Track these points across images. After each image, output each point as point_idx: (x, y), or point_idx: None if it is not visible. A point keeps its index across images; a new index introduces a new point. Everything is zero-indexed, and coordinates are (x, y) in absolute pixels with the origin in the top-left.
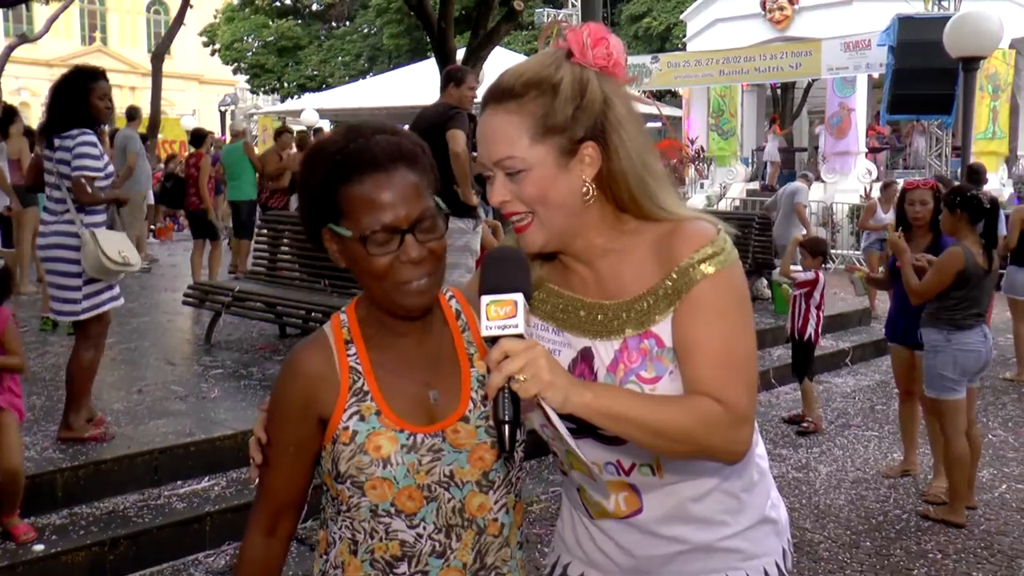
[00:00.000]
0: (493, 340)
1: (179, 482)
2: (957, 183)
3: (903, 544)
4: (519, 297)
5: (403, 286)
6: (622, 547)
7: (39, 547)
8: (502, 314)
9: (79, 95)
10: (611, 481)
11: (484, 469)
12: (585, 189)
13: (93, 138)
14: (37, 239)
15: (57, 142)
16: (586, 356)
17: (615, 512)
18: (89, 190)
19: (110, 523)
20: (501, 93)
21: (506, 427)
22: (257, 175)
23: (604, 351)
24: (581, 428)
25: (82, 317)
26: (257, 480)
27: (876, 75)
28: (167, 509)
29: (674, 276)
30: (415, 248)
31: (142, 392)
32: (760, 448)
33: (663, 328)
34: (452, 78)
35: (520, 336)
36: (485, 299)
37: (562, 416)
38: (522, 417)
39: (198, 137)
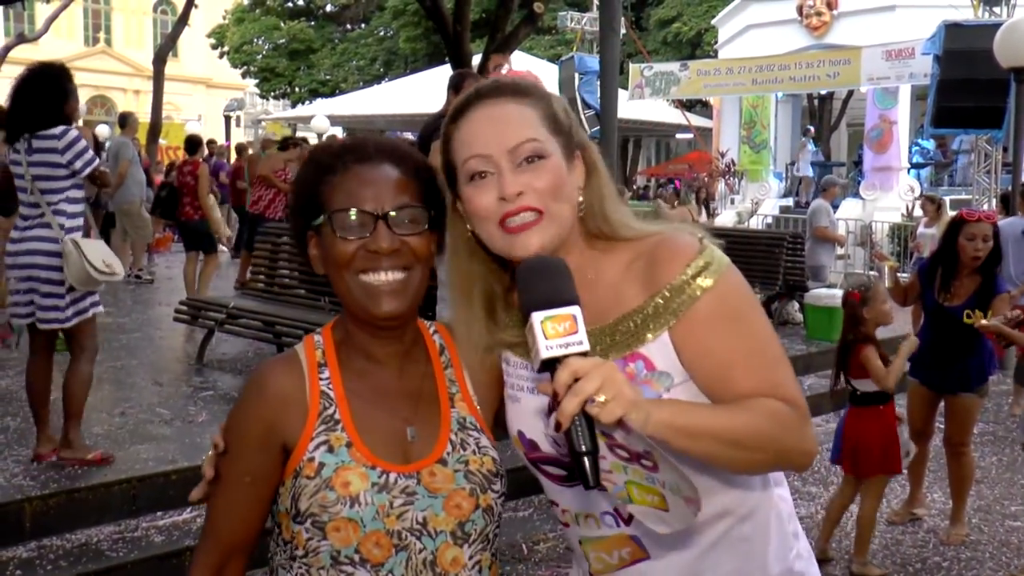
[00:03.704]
0: (550, 363)
1: (159, 513)
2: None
3: None
4: (576, 310)
5: (369, 284)
6: None
7: None
8: (561, 331)
9: (59, 94)
10: (611, 537)
11: (460, 519)
12: (580, 198)
13: (78, 132)
14: (8, 245)
15: (36, 143)
16: None
17: (619, 564)
18: (110, 178)
19: (81, 557)
20: (500, 89)
21: (587, 459)
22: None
23: None
24: (571, 475)
25: (68, 324)
26: (204, 504)
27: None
28: (144, 542)
29: (666, 294)
30: (386, 237)
31: (125, 414)
32: (781, 489)
33: (653, 348)
34: (451, 84)
35: (585, 353)
36: (538, 316)
37: (552, 459)
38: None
39: (192, 144)
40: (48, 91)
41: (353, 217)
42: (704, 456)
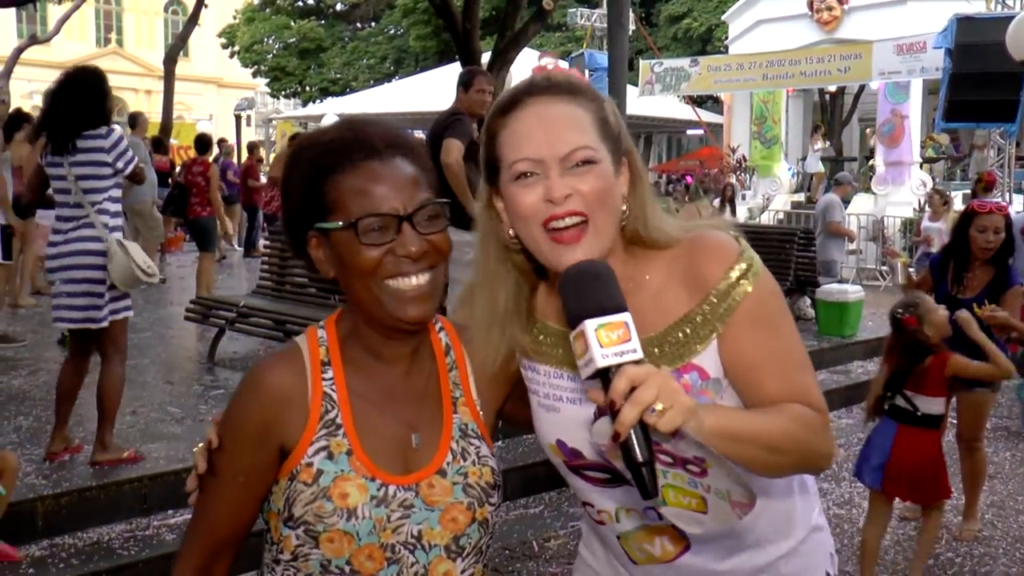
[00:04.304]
0: (603, 372)
1: (170, 512)
2: None
3: None
4: (628, 316)
5: (398, 289)
6: None
7: None
8: (615, 338)
9: (99, 95)
10: (652, 526)
11: (456, 532)
12: (624, 207)
13: (121, 131)
14: (48, 248)
15: (81, 143)
16: None
17: (662, 556)
18: (145, 175)
19: (93, 555)
20: (552, 86)
21: (645, 469)
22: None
23: None
24: (615, 477)
25: (104, 324)
26: (194, 500)
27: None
28: (155, 541)
29: (713, 300)
30: (414, 240)
31: (136, 413)
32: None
33: (706, 359)
34: (461, 82)
35: (639, 361)
36: (591, 324)
37: (596, 465)
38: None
39: (202, 143)
40: (89, 93)
41: (376, 222)
42: (741, 460)
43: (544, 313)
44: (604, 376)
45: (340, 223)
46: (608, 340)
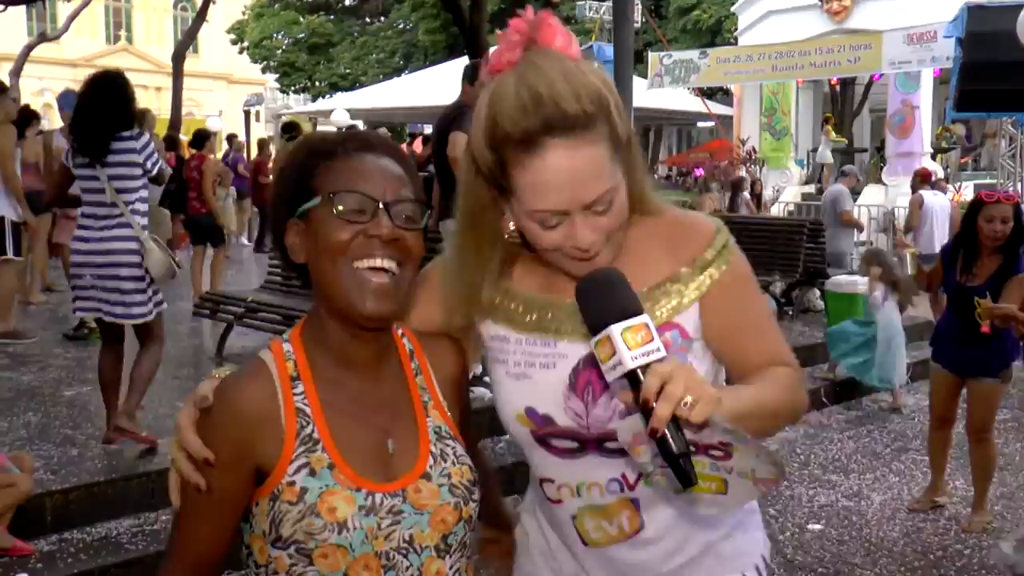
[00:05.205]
0: (631, 373)
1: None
2: None
3: None
4: (647, 318)
5: (363, 276)
6: (621, 572)
7: None
8: (640, 340)
9: (127, 99)
10: (613, 503)
11: (444, 532)
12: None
13: (148, 135)
14: (75, 244)
15: (114, 145)
16: (592, 361)
17: (618, 535)
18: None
19: (101, 550)
20: (569, 123)
21: (683, 460)
22: None
23: None
24: (583, 447)
25: (150, 318)
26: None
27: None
28: (163, 535)
29: (698, 267)
30: (387, 225)
31: (143, 408)
32: None
33: (687, 318)
34: (466, 75)
35: (662, 360)
36: (616, 328)
37: (565, 433)
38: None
39: (199, 139)
40: (118, 97)
41: (355, 200)
42: (748, 432)
43: (521, 283)
44: (632, 377)
45: (318, 199)
46: (634, 342)
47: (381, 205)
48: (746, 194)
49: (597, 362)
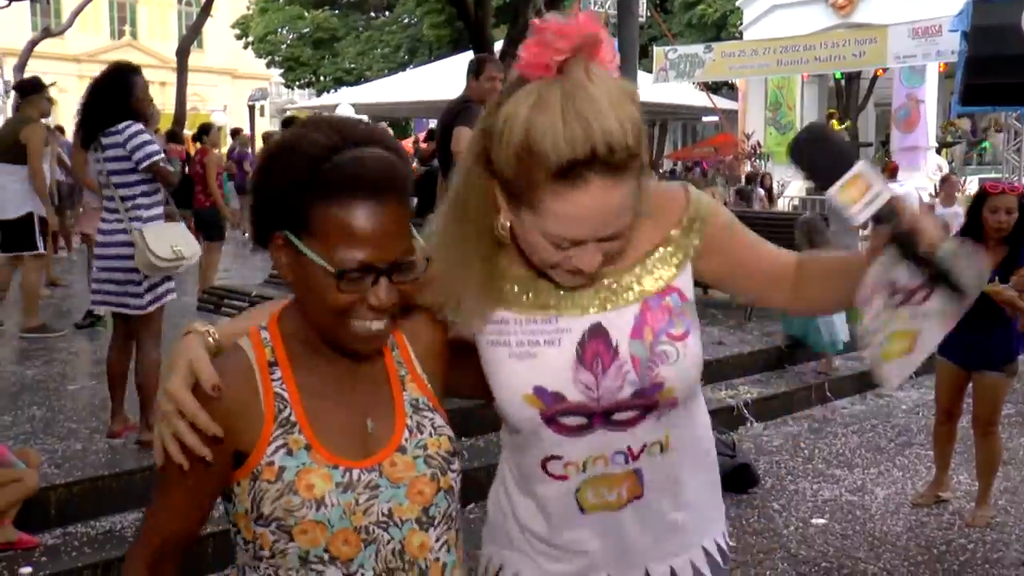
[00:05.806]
0: (883, 206)
1: None
2: None
3: None
4: (862, 165)
5: (358, 332)
6: (619, 537)
7: (26, 570)
8: (880, 174)
9: (122, 91)
10: (616, 474)
11: (424, 504)
12: None
13: (141, 126)
14: (98, 236)
15: (104, 140)
16: (597, 333)
17: (616, 502)
18: (171, 168)
19: (105, 543)
20: (611, 160)
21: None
22: None
23: (620, 320)
24: (590, 422)
25: (149, 310)
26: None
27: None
28: None
29: (685, 226)
30: (387, 292)
31: None
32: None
33: (682, 280)
34: (471, 70)
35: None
36: (865, 165)
37: (575, 409)
38: None
39: (201, 132)
40: (112, 90)
41: (354, 264)
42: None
43: (510, 267)
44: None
45: (325, 264)
46: (853, 197)
47: (383, 272)
48: (760, 189)
49: (603, 331)
